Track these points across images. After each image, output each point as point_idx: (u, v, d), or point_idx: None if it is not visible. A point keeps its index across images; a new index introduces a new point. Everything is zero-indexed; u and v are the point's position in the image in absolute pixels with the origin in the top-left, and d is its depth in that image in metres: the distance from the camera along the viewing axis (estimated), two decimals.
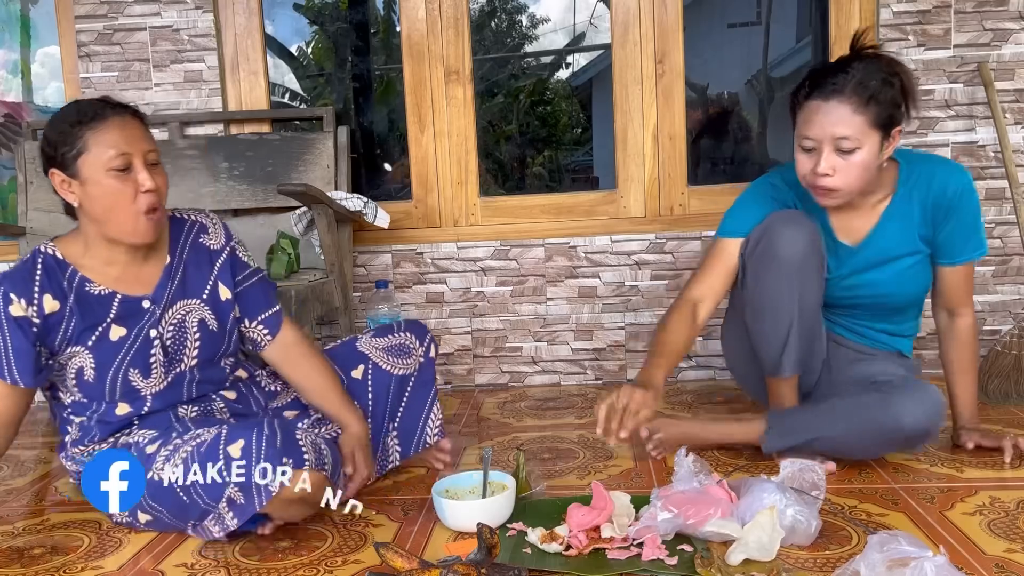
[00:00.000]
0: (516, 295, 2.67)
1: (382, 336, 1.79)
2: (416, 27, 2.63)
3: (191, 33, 2.65)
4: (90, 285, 1.51)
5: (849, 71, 1.53)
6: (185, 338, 1.58)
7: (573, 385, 2.67)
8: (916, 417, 1.57)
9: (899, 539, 1.13)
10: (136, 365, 1.53)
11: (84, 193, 1.45)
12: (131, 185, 1.44)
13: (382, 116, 3.12)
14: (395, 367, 1.75)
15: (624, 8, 2.57)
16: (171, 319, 1.57)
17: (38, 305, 1.46)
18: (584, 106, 3.52)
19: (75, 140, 1.42)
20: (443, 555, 1.35)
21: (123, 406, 1.55)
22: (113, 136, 1.43)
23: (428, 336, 1.82)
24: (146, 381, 1.54)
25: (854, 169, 1.55)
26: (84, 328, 1.50)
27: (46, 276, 1.48)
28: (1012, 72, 2.44)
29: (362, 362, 1.74)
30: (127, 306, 1.53)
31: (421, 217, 2.70)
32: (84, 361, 1.50)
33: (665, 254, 2.61)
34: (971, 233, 1.66)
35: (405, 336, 1.79)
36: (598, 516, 1.38)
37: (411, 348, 1.78)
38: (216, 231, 1.67)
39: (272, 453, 1.33)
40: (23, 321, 1.44)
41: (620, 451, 1.92)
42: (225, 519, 1.40)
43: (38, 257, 1.50)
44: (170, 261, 1.59)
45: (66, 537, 1.57)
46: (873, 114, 1.52)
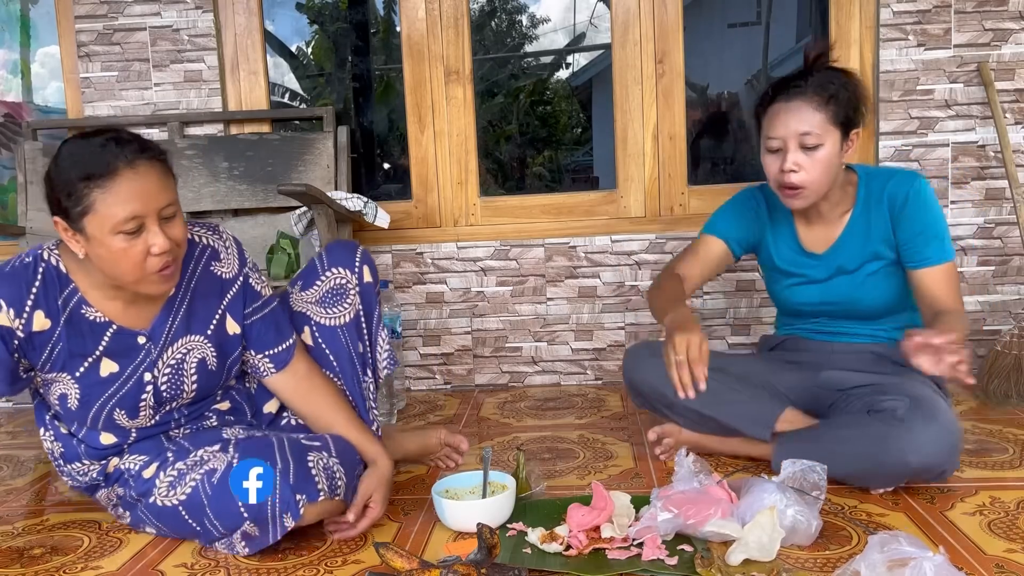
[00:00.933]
0: (516, 295, 2.67)
1: (310, 285, 1.63)
2: (416, 27, 2.63)
3: (191, 33, 2.65)
4: (87, 309, 1.40)
5: (808, 77, 1.63)
6: (181, 381, 1.47)
7: (573, 385, 2.67)
8: (923, 456, 1.46)
9: (899, 539, 1.13)
10: (123, 406, 1.44)
11: (89, 248, 1.32)
12: (141, 246, 1.30)
13: (382, 116, 3.12)
14: (337, 317, 1.61)
15: (624, 8, 2.57)
16: (169, 360, 1.46)
17: (27, 320, 1.36)
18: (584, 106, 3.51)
19: (81, 198, 1.27)
20: (443, 555, 1.35)
21: (107, 436, 1.48)
22: (123, 196, 1.27)
23: (356, 257, 1.63)
24: (132, 421, 1.47)
25: (818, 165, 1.62)
26: (72, 355, 1.39)
27: (43, 289, 1.37)
28: (1012, 72, 2.44)
29: (305, 323, 1.61)
30: (121, 339, 1.42)
31: (421, 217, 2.70)
32: (69, 389, 1.42)
33: (665, 254, 2.61)
34: (929, 236, 1.66)
35: (333, 273, 1.62)
36: (598, 516, 1.38)
37: (345, 286, 1.61)
38: (229, 257, 1.53)
39: (286, 489, 1.33)
40: (5, 331, 1.34)
41: (620, 451, 1.92)
42: (236, 547, 1.40)
43: (39, 264, 1.38)
44: (174, 294, 1.46)
45: (66, 537, 1.57)
46: (833, 112, 1.61)
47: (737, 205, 1.88)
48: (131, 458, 1.49)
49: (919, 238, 1.66)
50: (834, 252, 1.76)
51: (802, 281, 1.81)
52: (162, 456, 1.46)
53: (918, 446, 1.46)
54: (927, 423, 1.48)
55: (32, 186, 2.59)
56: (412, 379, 2.72)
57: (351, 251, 1.64)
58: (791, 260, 1.82)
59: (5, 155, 2.96)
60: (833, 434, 1.59)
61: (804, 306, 1.84)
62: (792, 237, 1.81)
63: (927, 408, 1.50)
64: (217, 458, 1.39)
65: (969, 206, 2.50)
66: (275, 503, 1.33)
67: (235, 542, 1.39)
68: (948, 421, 1.50)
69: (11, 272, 1.37)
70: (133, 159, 1.29)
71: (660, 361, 1.78)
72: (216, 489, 1.35)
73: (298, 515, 1.34)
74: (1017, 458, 1.74)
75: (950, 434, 1.49)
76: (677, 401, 1.76)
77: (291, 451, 1.38)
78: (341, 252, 1.63)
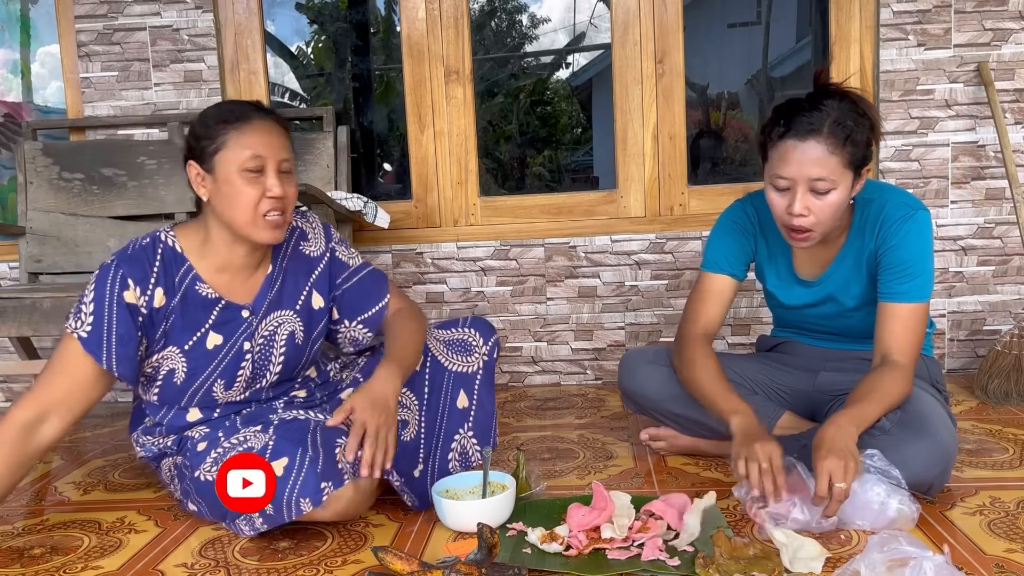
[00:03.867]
0: (516, 295, 2.67)
1: (446, 328, 1.78)
2: (416, 27, 2.63)
3: (191, 33, 2.65)
4: (200, 285, 1.52)
5: (823, 109, 1.48)
6: (271, 352, 1.59)
7: (573, 385, 2.67)
8: (911, 472, 1.42)
9: (899, 539, 1.14)
10: (224, 376, 1.55)
11: (215, 189, 1.47)
12: (259, 188, 1.45)
13: (382, 116, 3.12)
14: (453, 363, 1.73)
15: (624, 8, 2.57)
16: (263, 331, 1.58)
17: (150, 296, 1.47)
18: (584, 106, 3.51)
19: (216, 136, 1.45)
20: (443, 555, 1.35)
21: (194, 412, 1.58)
22: (252, 138, 1.45)
23: (493, 337, 1.79)
24: (226, 393, 1.57)
25: (828, 209, 1.51)
26: (184, 329, 1.51)
27: (163, 268, 1.49)
28: (1012, 72, 2.44)
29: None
30: (228, 313, 1.54)
31: (421, 217, 2.70)
32: (177, 364, 1.52)
33: (665, 254, 2.61)
34: (909, 273, 1.55)
35: (468, 332, 1.77)
36: (598, 516, 1.38)
37: (473, 346, 1.75)
38: (316, 236, 1.67)
39: (312, 476, 1.37)
40: (133, 309, 1.45)
41: (620, 451, 1.92)
42: (255, 523, 1.43)
43: (158, 245, 1.51)
44: (271, 271, 1.60)
45: (66, 537, 1.57)
46: (848, 154, 1.48)
47: (728, 228, 1.77)
48: (197, 429, 1.57)
49: (896, 270, 1.56)
50: (826, 279, 1.70)
51: (792, 307, 1.78)
52: (215, 433, 1.53)
53: (905, 463, 1.41)
54: (916, 439, 1.44)
55: (32, 186, 2.59)
56: None
57: (491, 329, 1.80)
58: (782, 287, 1.77)
59: (5, 155, 2.96)
60: None
61: (796, 323, 1.83)
62: (787, 260, 1.75)
63: (916, 422, 1.47)
64: (256, 438, 1.46)
65: (969, 206, 2.50)
66: (296, 485, 1.37)
67: (254, 518, 1.43)
68: (939, 437, 1.45)
69: (134, 253, 1.48)
70: (264, 114, 1.49)
71: (654, 369, 1.79)
72: None
73: (319, 501, 1.38)
74: (1017, 458, 1.74)
75: (940, 451, 1.44)
76: (672, 409, 1.77)
77: (322, 440, 1.43)
78: (483, 325, 1.79)
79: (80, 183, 2.58)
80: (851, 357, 1.76)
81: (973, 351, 2.54)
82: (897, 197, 1.61)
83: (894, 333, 1.55)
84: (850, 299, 1.69)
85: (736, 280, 1.77)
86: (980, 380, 2.25)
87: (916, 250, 1.56)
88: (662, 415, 1.80)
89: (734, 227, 1.77)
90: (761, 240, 1.77)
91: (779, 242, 1.74)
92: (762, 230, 1.76)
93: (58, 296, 2.11)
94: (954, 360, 2.57)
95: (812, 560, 1.25)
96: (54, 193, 2.58)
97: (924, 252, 1.57)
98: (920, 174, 2.50)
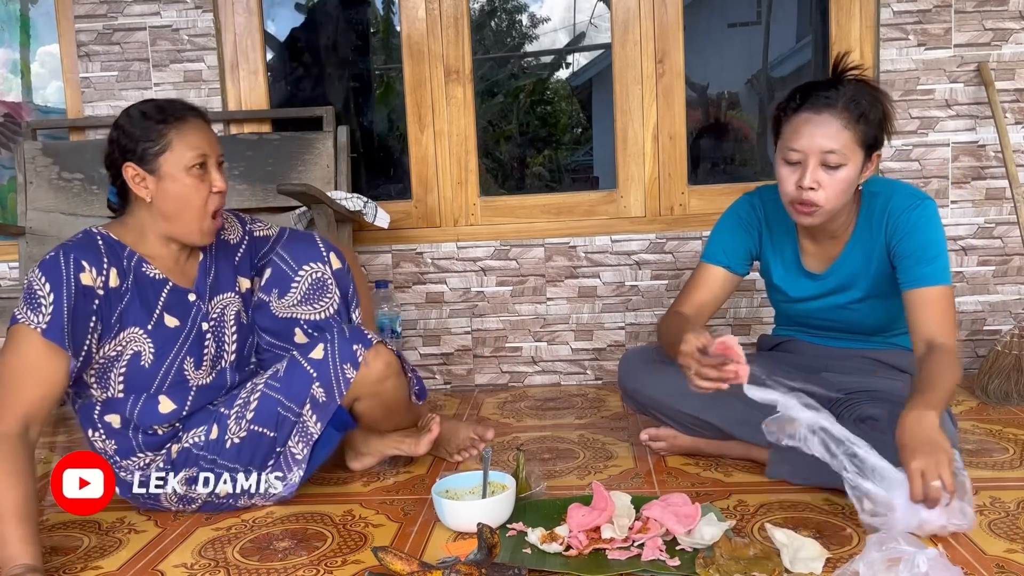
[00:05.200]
0: (516, 295, 2.67)
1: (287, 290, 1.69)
2: (416, 27, 2.63)
3: (191, 33, 2.65)
4: (147, 267, 1.55)
5: (840, 88, 1.53)
6: (223, 330, 1.64)
7: (573, 385, 2.67)
8: None
9: (898, 539, 1.14)
10: (192, 354, 1.58)
11: (159, 189, 1.49)
12: (206, 185, 1.51)
13: (382, 116, 3.12)
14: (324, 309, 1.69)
15: (624, 8, 2.57)
16: (212, 312, 1.63)
17: (106, 276, 1.47)
18: (584, 106, 3.51)
19: (159, 137, 1.47)
20: (443, 555, 1.35)
21: (167, 402, 1.55)
22: (195, 137, 1.49)
23: (320, 249, 1.70)
24: (196, 372, 1.59)
25: (837, 185, 1.53)
26: (140, 308, 1.52)
27: (109, 251, 1.50)
28: (1012, 72, 2.44)
29: (295, 325, 1.70)
30: (175, 296, 1.57)
31: (421, 217, 2.70)
32: (143, 346, 1.52)
33: (665, 254, 2.61)
34: (925, 257, 1.56)
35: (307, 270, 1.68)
36: (598, 517, 1.38)
37: (322, 279, 1.69)
38: (232, 226, 1.72)
39: (344, 344, 1.56)
40: (89, 291, 1.44)
41: (620, 451, 1.92)
42: (309, 426, 1.53)
43: (95, 236, 1.51)
44: (203, 258, 1.64)
45: (66, 537, 1.57)
46: (861, 132, 1.52)
47: (731, 223, 1.79)
48: (193, 432, 1.58)
49: (913, 257, 1.57)
50: (833, 272, 1.70)
51: (798, 299, 1.78)
52: (216, 413, 1.58)
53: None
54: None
55: (31, 186, 2.59)
56: None
57: (312, 243, 1.71)
58: (789, 279, 1.77)
59: (5, 155, 2.96)
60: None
61: (800, 319, 1.83)
62: (793, 254, 1.75)
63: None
64: (275, 365, 1.61)
65: (969, 206, 2.50)
66: (336, 355, 1.55)
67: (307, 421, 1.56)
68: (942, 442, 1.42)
69: (77, 242, 1.49)
70: (195, 112, 1.54)
71: (654, 367, 1.78)
72: (286, 371, 1.57)
73: (357, 363, 1.55)
74: (1017, 458, 1.74)
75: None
76: (673, 407, 1.76)
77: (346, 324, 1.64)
78: (304, 248, 1.70)
79: (80, 183, 2.58)
80: (854, 356, 1.76)
81: (973, 351, 2.54)
82: (903, 189, 1.64)
83: (932, 318, 1.54)
84: (856, 292, 1.70)
85: (733, 274, 1.78)
86: (980, 380, 2.25)
87: (929, 235, 1.57)
88: (662, 414, 1.80)
89: (737, 222, 1.78)
90: (766, 233, 1.78)
91: (786, 235, 1.74)
92: (767, 223, 1.77)
93: None
94: None
95: (812, 560, 1.25)
96: (54, 193, 2.58)
97: (937, 236, 1.58)
98: (920, 174, 2.50)
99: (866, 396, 1.63)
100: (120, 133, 1.50)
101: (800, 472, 1.61)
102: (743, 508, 1.52)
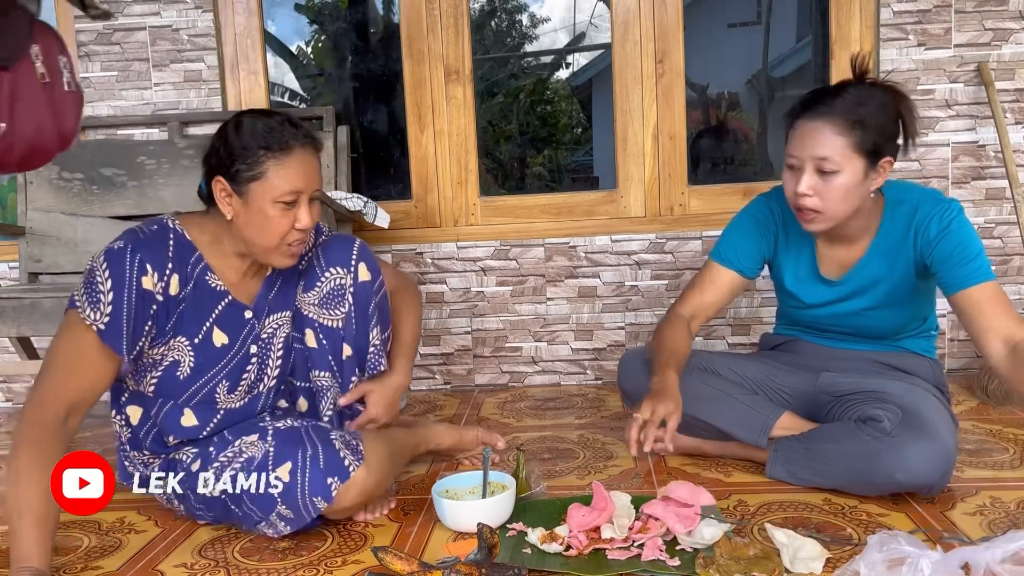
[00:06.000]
0: (516, 295, 2.67)
1: (311, 287, 1.62)
2: (416, 27, 2.63)
3: (191, 33, 2.65)
4: (210, 276, 1.49)
5: (844, 94, 1.51)
6: (270, 353, 1.57)
7: (573, 385, 2.67)
8: (911, 475, 1.43)
9: (899, 539, 1.13)
10: (230, 378, 1.52)
11: (243, 212, 1.42)
12: (290, 219, 1.42)
13: (382, 116, 3.12)
14: (337, 319, 1.61)
15: (624, 8, 2.57)
16: (263, 333, 1.56)
17: (166, 282, 1.41)
18: (584, 106, 3.51)
19: (256, 164, 1.39)
20: (443, 555, 1.35)
21: (189, 415, 1.50)
22: (293, 172, 1.41)
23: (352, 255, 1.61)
24: (228, 396, 1.53)
25: (834, 193, 1.51)
26: (193, 319, 1.46)
27: (177, 254, 1.44)
28: (1012, 72, 2.44)
29: (308, 326, 1.61)
30: (231, 311, 1.51)
31: (421, 217, 2.70)
32: (183, 356, 1.47)
33: (665, 254, 2.61)
34: (965, 258, 1.52)
35: (332, 274, 1.61)
36: (598, 517, 1.38)
37: (343, 286, 1.60)
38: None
39: (317, 475, 1.39)
40: (149, 296, 1.39)
41: (620, 451, 1.92)
42: (278, 526, 1.43)
43: (168, 232, 1.45)
44: (271, 271, 1.58)
45: (66, 537, 1.56)
46: (857, 138, 1.49)
47: (747, 224, 1.77)
48: (185, 449, 1.53)
49: (952, 260, 1.52)
50: (849, 279, 1.68)
51: (812, 305, 1.75)
52: (206, 449, 1.50)
53: (906, 464, 1.42)
54: (917, 440, 1.44)
55: (32, 186, 2.59)
56: (412, 379, 2.71)
57: (348, 248, 1.62)
58: (804, 285, 1.74)
59: None
60: (824, 447, 1.57)
61: (809, 323, 1.81)
62: (810, 258, 1.72)
63: (917, 424, 1.47)
64: (255, 446, 1.45)
65: (969, 206, 2.50)
66: (305, 485, 1.38)
67: (275, 522, 1.42)
68: (940, 438, 1.45)
69: (148, 239, 1.41)
70: (305, 142, 1.44)
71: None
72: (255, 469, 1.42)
73: (330, 498, 1.39)
74: (1017, 458, 1.74)
75: (941, 452, 1.43)
76: None
77: (317, 436, 1.45)
78: (338, 250, 1.62)
79: (80, 183, 2.58)
80: (855, 357, 1.76)
81: (973, 351, 2.54)
82: (928, 196, 1.61)
83: (997, 314, 1.47)
84: (872, 299, 1.67)
85: (742, 277, 1.77)
86: (980, 380, 2.25)
87: (963, 236, 1.54)
88: None
89: (753, 224, 1.77)
90: (782, 236, 1.76)
91: (803, 239, 1.73)
92: (784, 227, 1.75)
93: (58, 296, 2.11)
94: (954, 360, 2.57)
95: (812, 560, 1.25)
96: (54, 193, 2.58)
97: (971, 235, 1.54)
98: (920, 174, 2.50)
99: (867, 396, 1.62)
100: (222, 143, 1.43)
101: (798, 473, 1.61)
102: (743, 508, 1.52)
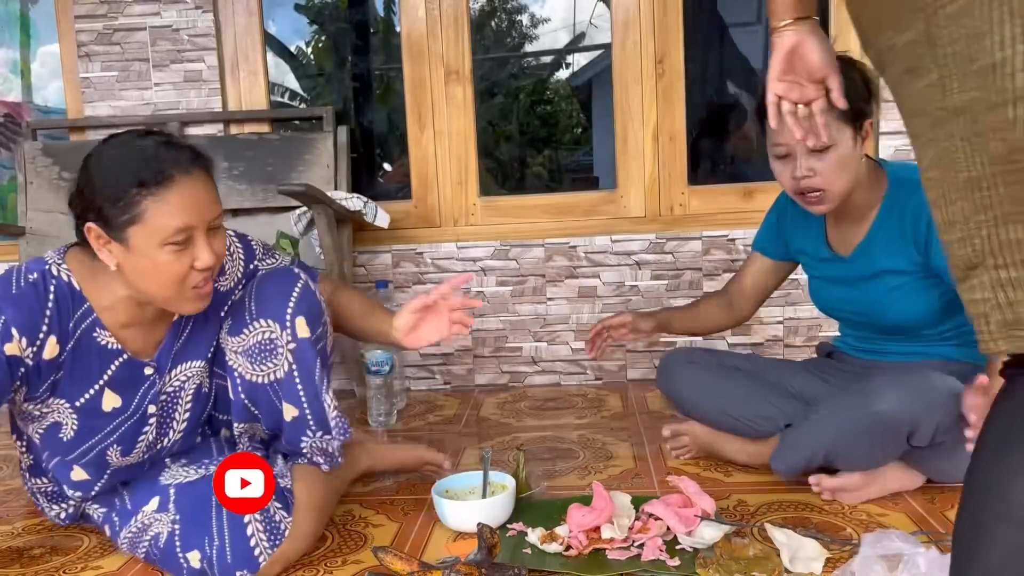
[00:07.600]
0: (516, 295, 2.67)
1: (238, 331, 1.38)
2: (416, 27, 2.63)
3: (191, 33, 2.65)
4: (99, 332, 1.28)
5: None
6: (175, 410, 1.39)
7: (573, 385, 2.67)
8: (890, 402, 1.41)
9: (892, 537, 1.14)
10: (122, 443, 1.34)
11: (127, 260, 1.21)
12: (187, 260, 1.21)
13: (382, 116, 3.12)
14: (264, 375, 1.37)
15: (624, 8, 2.57)
16: (167, 388, 1.38)
17: (39, 347, 1.21)
18: (584, 106, 3.51)
19: (131, 205, 1.17)
20: (443, 555, 1.35)
21: (79, 471, 1.36)
22: (179, 208, 1.18)
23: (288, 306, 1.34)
24: (122, 459, 1.36)
25: (834, 167, 1.52)
26: (75, 382, 1.27)
27: (57, 312, 1.23)
28: None
29: (229, 375, 1.40)
30: (127, 370, 1.32)
31: (421, 217, 2.70)
32: (64, 419, 1.30)
33: (665, 254, 2.61)
34: None
35: (262, 326, 1.35)
36: (598, 517, 1.38)
37: (274, 342, 1.34)
38: (234, 266, 1.43)
39: (225, 569, 1.27)
40: (14, 361, 1.19)
41: (620, 451, 1.92)
42: None
43: (50, 283, 1.24)
44: (179, 317, 1.37)
45: (66, 537, 1.57)
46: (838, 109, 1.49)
47: (770, 213, 1.84)
48: (94, 507, 1.45)
49: None
50: (858, 256, 1.66)
51: (827, 280, 1.73)
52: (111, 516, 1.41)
53: (884, 392, 1.42)
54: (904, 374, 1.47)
55: (32, 186, 2.59)
56: (412, 379, 2.72)
57: (284, 297, 1.34)
58: (818, 260, 1.74)
59: (5, 155, 2.96)
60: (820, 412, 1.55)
61: (833, 310, 1.78)
62: (820, 233, 1.72)
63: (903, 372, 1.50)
64: (159, 521, 1.33)
65: None
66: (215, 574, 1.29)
67: None
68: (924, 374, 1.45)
69: (20, 294, 1.21)
70: (188, 166, 1.20)
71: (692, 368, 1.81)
72: (164, 553, 1.31)
73: None
74: None
75: (921, 384, 1.42)
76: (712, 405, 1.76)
77: (228, 521, 1.29)
78: (273, 299, 1.35)
79: None
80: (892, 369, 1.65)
81: None
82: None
83: None
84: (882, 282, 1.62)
85: (775, 261, 1.85)
86: None
87: None
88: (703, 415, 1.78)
89: (777, 212, 1.84)
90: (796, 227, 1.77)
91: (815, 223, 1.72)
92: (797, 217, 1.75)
93: None
94: None
95: (812, 560, 1.25)
96: (54, 193, 2.58)
97: None
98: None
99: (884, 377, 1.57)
100: (86, 181, 1.21)
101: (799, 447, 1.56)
102: (743, 508, 1.52)
